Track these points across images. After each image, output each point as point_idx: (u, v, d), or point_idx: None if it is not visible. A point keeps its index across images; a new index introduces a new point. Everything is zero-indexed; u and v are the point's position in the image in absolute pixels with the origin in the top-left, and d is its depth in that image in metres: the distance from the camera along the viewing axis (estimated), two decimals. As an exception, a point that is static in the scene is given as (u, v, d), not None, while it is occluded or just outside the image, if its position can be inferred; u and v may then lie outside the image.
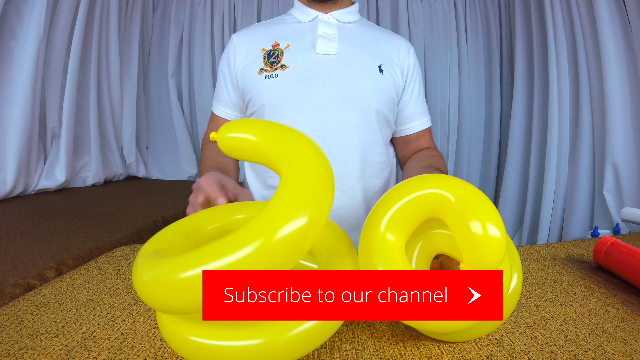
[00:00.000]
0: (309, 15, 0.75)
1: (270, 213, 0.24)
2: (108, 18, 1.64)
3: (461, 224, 0.29)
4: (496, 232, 0.28)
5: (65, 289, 0.43)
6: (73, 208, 1.14)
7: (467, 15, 2.05)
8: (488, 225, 0.28)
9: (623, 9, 1.25)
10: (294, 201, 0.24)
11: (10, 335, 0.33)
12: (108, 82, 1.70)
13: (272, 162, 0.31)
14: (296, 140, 0.30)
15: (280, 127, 0.33)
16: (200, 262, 0.23)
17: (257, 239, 0.23)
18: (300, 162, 0.27)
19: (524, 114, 1.86)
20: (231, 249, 0.22)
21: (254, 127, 0.34)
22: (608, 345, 0.33)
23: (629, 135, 1.27)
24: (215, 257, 0.22)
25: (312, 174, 0.26)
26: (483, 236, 0.28)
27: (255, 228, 0.23)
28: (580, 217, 1.47)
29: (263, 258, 0.23)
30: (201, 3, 1.99)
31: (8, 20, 1.21)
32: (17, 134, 1.22)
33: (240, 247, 0.22)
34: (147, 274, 0.24)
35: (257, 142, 0.33)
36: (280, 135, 0.31)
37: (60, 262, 0.69)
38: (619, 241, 0.50)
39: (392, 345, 0.33)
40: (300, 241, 0.24)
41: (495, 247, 0.28)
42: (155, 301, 0.25)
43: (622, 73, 1.27)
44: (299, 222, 0.23)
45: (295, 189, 0.25)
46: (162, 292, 0.24)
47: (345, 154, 0.70)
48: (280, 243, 0.23)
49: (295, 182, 0.25)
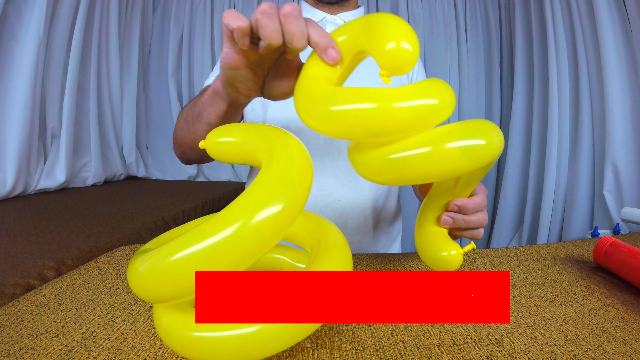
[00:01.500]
0: (317, 16, 0.75)
1: (249, 197, 0.25)
2: (108, 18, 1.64)
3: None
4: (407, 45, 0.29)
5: (65, 289, 0.43)
6: (73, 208, 1.14)
7: (467, 15, 2.05)
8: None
9: (623, 9, 1.25)
10: (271, 186, 0.26)
11: (10, 335, 0.33)
12: (108, 82, 1.70)
13: (254, 158, 0.32)
14: (274, 135, 0.31)
15: (262, 126, 0.34)
16: (187, 245, 0.24)
17: (237, 221, 0.24)
18: (278, 152, 0.29)
19: (523, 114, 1.86)
20: (212, 231, 0.24)
21: (238, 130, 0.35)
22: (608, 345, 0.33)
23: (629, 135, 1.27)
24: (200, 239, 0.24)
25: (289, 162, 0.28)
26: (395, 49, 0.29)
27: (235, 210, 0.25)
28: (580, 217, 1.47)
29: (243, 238, 0.24)
30: (201, 3, 1.99)
31: (8, 20, 1.21)
32: (17, 134, 1.22)
33: (220, 229, 0.24)
34: (142, 266, 0.26)
35: (240, 142, 0.34)
36: (260, 133, 0.33)
37: (60, 262, 0.69)
38: (619, 241, 0.50)
39: (392, 345, 0.33)
40: (277, 224, 0.25)
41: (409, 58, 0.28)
42: (150, 291, 0.26)
43: (622, 73, 1.27)
44: (275, 207, 0.25)
45: (272, 176, 0.27)
46: (156, 280, 0.25)
47: (345, 149, 0.70)
48: (258, 225, 0.24)
49: (272, 169, 0.27)
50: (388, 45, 0.29)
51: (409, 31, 0.29)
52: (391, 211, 0.79)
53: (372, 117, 0.27)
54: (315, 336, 0.35)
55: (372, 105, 0.27)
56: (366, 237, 0.74)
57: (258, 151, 0.31)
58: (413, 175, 0.31)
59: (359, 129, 0.28)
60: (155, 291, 0.26)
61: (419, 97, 0.27)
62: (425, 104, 0.27)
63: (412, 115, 0.27)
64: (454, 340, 0.34)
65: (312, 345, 0.33)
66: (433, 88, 0.28)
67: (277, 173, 0.27)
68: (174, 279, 0.25)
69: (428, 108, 0.27)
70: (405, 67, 0.29)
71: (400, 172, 0.31)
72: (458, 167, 0.30)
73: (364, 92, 0.28)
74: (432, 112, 0.28)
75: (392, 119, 0.27)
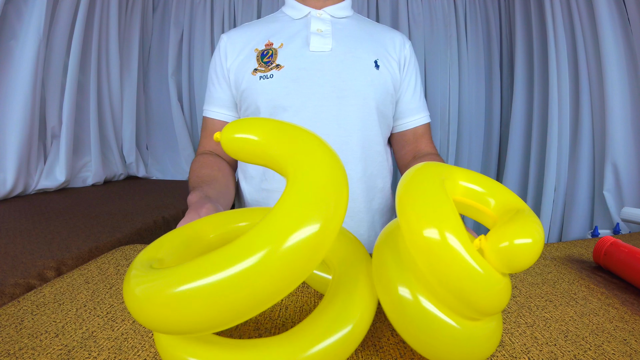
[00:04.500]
0: (302, 11, 0.73)
1: (278, 218, 0.21)
2: (108, 18, 1.64)
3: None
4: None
5: (65, 289, 0.43)
6: (73, 208, 1.14)
7: (467, 15, 2.05)
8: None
9: (623, 9, 1.25)
10: (305, 204, 0.21)
11: (10, 335, 0.33)
12: (108, 82, 1.70)
13: (278, 163, 0.28)
14: (305, 139, 0.27)
15: (288, 126, 0.30)
16: (198, 275, 0.20)
17: (263, 248, 0.20)
18: (310, 161, 0.24)
19: (524, 114, 1.86)
20: (233, 259, 0.20)
21: (259, 127, 0.31)
22: (608, 345, 0.33)
23: (629, 135, 1.27)
24: (215, 269, 0.20)
25: (323, 174, 0.23)
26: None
27: (261, 234, 0.20)
28: (580, 217, 1.47)
29: (269, 269, 0.20)
30: (201, 3, 1.99)
31: (8, 20, 1.21)
32: (17, 134, 1.22)
33: (243, 257, 0.20)
34: (139, 288, 0.21)
35: (261, 142, 0.30)
36: (288, 134, 0.28)
37: (60, 262, 0.69)
38: (619, 241, 0.50)
39: (392, 345, 0.33)
40: (312, 250, 0.21)
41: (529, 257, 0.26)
42: (148, 319, 0.21)
43: (622, 73, 1.27)
44: (310, 228, 0.20)
45: (306, 191, 0.22)
46: (155, 309, 0.21)
47: (344, 154, 0.68)
48: (289, 252, 0.20)
49: (305, 183, 0.22)
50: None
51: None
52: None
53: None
54: (315, 336, 0.34)
55: None
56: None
57: (284, 157, 0.27)
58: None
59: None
60: (152, 320, 0.21)
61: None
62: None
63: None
64: (454, 340, 0.34)
65: (312, 345, 0.33)
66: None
67: (311, 189, 0.22)
68: (176, 312, 0.20)
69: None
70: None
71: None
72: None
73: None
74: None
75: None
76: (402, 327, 0.27)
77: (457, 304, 0.25)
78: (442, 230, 0.24)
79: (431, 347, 0.26)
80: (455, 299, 0.25)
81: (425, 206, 0.25)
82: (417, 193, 0.27)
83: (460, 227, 0.25)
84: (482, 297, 0.25)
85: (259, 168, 0.71)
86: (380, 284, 0.28)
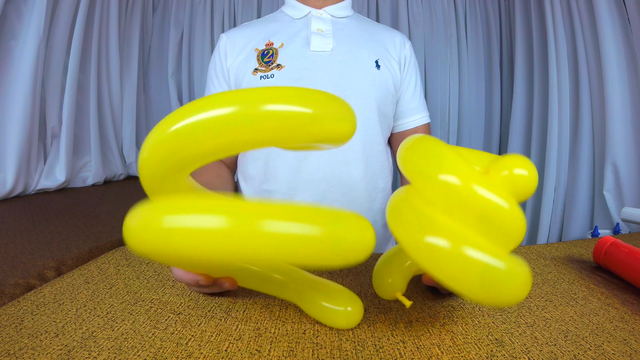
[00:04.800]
0: (302, 11, 0.73)
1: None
2: (108, 18, 1.64)
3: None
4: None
5: (65, 289, 0.43)
6: (73, 208, 1.14)
7: (467, 15, 2.05)
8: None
9: (623, 9, 1.25)
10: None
11: (10, 335, 0.33)
12: (108, 82, 1.70)
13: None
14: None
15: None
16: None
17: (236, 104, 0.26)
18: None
19: (523, 114, 1.86)
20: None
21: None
22: (608, 345, 0.33)
23: (629, 135, 1.27)
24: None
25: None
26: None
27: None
28: (580, 217, 1.47)
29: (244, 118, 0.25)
30: (201, 3, 1.99)
31: (8, 20, 1.21)
32: (17, 134, 1.22)
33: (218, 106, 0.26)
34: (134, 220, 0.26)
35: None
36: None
37: (60, 262, 0.69)
38: (619, 241, 0.50)
39: (392, 345, 0.33)
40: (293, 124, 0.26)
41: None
42: (144, 247, 0.26)
43: (622, 73, 1.27)
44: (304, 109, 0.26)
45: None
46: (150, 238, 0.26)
47: (346, 154, 0.68)
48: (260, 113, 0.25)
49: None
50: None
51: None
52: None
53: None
54: (315, 336, 0.35)
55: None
56: None
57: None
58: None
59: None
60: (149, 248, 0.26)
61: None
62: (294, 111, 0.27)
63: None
64: (454, 340, 0.34)
65: (312, 345, 0.33)
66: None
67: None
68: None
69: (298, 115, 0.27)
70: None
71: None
72: None
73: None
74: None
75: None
76: (443, 274, 0.28)
77: (485, 238, 0.28)
78: (457, 174, 0.28)
79: (473, 285, 0.28)
80: (483, 231, 0.28)
81: (435, 154, 0.30)
82: (422, 147, 0.32)
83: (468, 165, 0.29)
84: (504, 221, 0.27)
85: (260, 168, 0.71)
86: (412, 239, 0.30)
